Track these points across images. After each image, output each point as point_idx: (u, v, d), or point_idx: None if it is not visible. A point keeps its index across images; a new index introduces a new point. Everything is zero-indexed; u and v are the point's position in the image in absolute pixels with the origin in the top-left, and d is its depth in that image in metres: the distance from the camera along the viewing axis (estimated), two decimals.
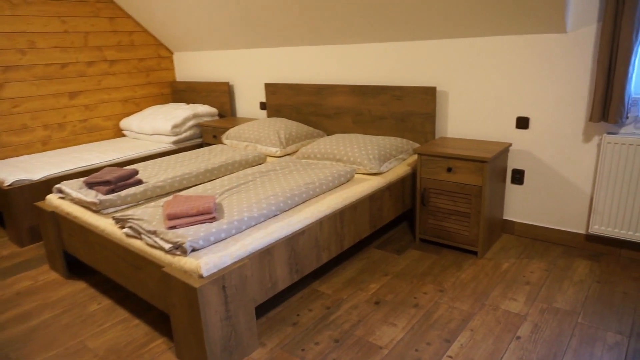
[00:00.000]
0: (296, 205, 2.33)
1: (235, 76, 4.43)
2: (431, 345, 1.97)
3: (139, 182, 2.63)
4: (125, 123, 4.46)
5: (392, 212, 2.90)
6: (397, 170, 2.94)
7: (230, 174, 2.94)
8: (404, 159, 3.09)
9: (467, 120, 3.02)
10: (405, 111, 3.23)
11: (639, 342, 1.93)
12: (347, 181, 2.71)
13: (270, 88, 4.05)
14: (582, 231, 2.75)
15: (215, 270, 1.79)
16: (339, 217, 2.43)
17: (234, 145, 3.67)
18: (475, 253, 2.77)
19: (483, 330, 2.05)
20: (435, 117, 3.10)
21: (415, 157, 3.17)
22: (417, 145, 3.20)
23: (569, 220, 2.78)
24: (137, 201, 2.50)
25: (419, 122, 3.18)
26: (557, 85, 2.62)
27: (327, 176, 2.59)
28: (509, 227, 3.02)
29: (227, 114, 4.51)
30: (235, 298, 1.84)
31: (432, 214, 2.84)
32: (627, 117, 2.39)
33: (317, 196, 2.47)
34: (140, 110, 4.75)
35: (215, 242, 1.92)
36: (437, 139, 3.03)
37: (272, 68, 4.07)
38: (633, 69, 2.27)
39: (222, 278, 1.77)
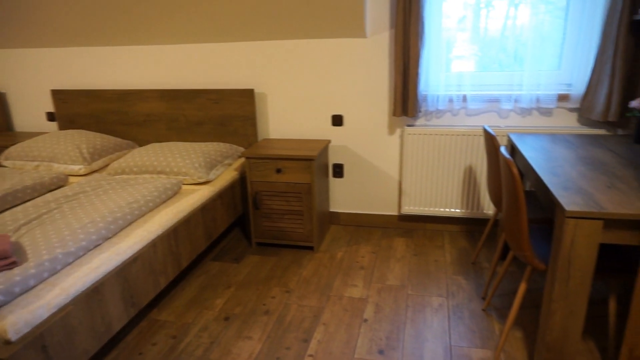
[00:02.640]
0: (122, 230, 2.02)
1: (7, 82, 3.61)
2: (291, 349, 1.95)
3: None
4: None
5: (226, 220, 2.79)
6: (225, 176, 2.83)
7: (23, 202, 2.38)
8: (230, 164, 3.00)
9: (287, 120, 3.09)
10: (224, 115, 3.13)
11: (454, 300, 2.28)
12: (175, 194, 2.48)
13: (60, 95, 3.43)
14: (396, 212, 3.12)
15: (28, 330, 1.41)
16: (173, 235, 2.21)
17: (18, 166, 2.98)
18: (311, 248, 2.88)
19: (334, 322, 2.13)
20: (255, 119, 3.09)
21: (242, 161, 3.11)
22: (241, 149, 3.14)
23: (384, 204, 3.12)
24: None
25: (240, 125, 3.13)
26: (364, 85, 2.89)
27: (152, 192, 2.32)
28: (335, 218, 3.23)
29: (2, 128, 3.65)
30: (62, 356, 1.49)
31: (266, 216, 2.82)
32: (420, 111, 2.79)
33: (144, 215, 2.19)
34: None
35: (23, 293, 1.51)
36: (261, 140, 3.03)
37: (60, 72, 3.45)
38: (422, 70, 2.66)
39: (41, 337, 1.41)
